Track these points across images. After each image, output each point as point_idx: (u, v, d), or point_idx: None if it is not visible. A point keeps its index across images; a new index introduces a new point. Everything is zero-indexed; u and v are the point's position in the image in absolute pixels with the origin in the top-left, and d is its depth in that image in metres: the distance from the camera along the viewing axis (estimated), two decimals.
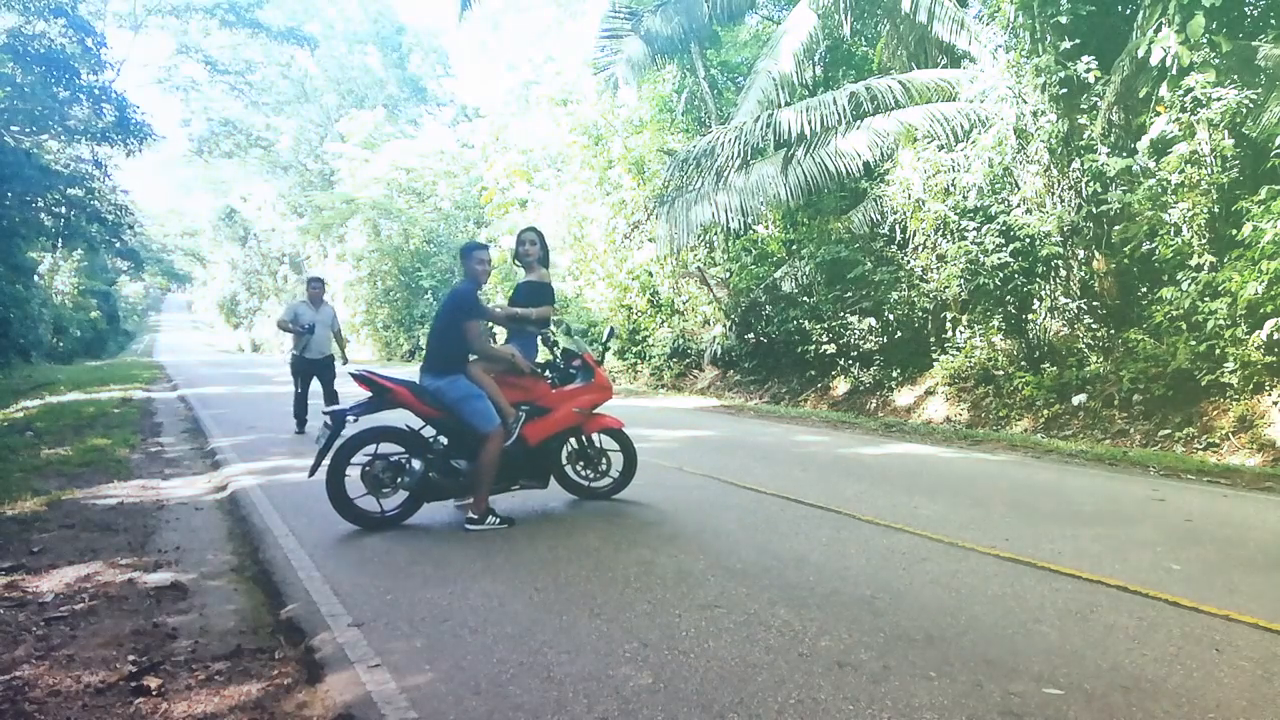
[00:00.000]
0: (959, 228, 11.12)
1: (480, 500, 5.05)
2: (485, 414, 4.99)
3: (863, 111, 12.21)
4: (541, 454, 5.44)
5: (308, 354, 9.56)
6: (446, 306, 5.23)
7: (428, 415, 5.09)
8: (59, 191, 19.47)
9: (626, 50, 16.98)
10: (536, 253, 5.71)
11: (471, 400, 4.98)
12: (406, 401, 5.01)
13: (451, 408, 5.00)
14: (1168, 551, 4.56)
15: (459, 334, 5.06)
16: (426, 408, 5.05)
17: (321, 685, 2.93)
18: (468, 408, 4.98)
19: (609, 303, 20.47)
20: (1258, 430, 8.17)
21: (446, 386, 4.99)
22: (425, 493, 5.11)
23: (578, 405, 5.58)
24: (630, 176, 19.58)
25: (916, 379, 12.83)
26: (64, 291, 36.21)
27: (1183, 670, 2.99)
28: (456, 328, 5.07)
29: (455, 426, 5.06)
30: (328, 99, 51.99)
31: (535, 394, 5.41)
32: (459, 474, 5.11)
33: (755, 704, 2.70)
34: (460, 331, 5.06)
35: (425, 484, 5.04)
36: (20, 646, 3.27)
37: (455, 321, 5.08)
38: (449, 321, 5.12)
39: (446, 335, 5.11)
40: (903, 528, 5.04)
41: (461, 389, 4.99)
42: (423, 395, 5.05)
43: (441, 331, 5.15)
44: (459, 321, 5.07)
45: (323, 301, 9.86)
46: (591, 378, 5.71)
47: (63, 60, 17.31)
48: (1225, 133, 8.45)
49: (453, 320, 5.10)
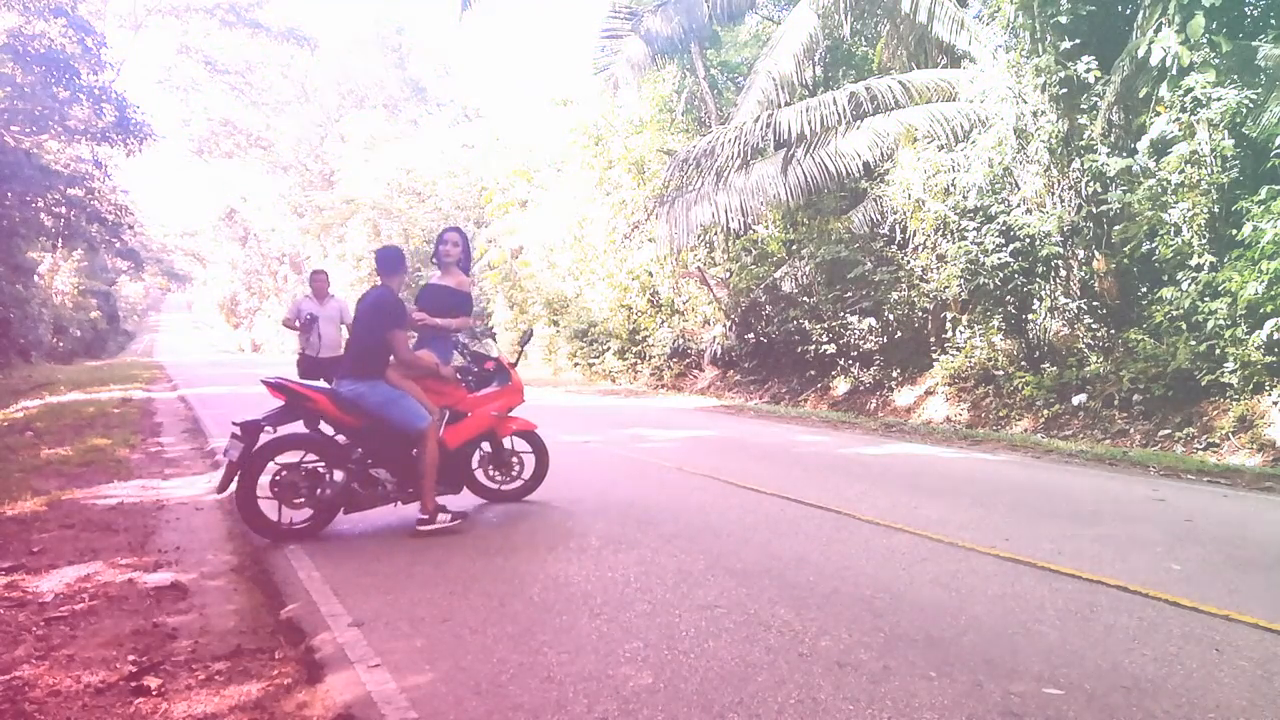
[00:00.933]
0: (959, 228, 11.12)
1: (428, 499, 4.93)
2: (415, 412, 4.86)
3: (863, 111, 12.22)
4: (459, 458, 5.32)
5: (316, 353, 8.77)
6: (368, 312, 4.99)
7: (345, 424, 4.86)
8: (59, 191, 19.48)
9: (626, 50, 17.00)
10: (457, 254, 5.52)
11: (398, 402, 4.84)
12: (324, 409, 4.80)
13: (374, 413, 4.81)
14: (1168, 551, 4.56)
15: (381, 340, 4.87)
16: (345, 416, 4.82)
17: (321, 685, 2.93)
18: (395, 410, 4.83)
19: (609, 303, 20.48)
20: (1258, 430, 8.17)
21: (368, 391, 4.81)
22: (346, 503, 4.89)
23: (495, 409, 5.50)
24: (630, 176, 19.58)
25: (916, 379, 12.83)
26: (64, 291, 36.22)
27: (1183, 670, 2.99)
28: (378, 334, 4.87)
29: (375, 434, 4.87)
30: (328, 99, 51.97)
31: (452, 398, 5.27)
32: (379, 483, 4.94)
33: (755, 704, 2.69)
34: (382, 338, 4.86)
35: (347, 494, 4.84)
36: (20, 646, 3.27)
37: (378, 328, 4.88)
38: (371, 327, 4.91)
39: (368, 341, 4.92)
40: (903, 528, 5.04)
41: (384, 393, 4.83)
42: (341, 402, 4.82)
43: (363, 337, 4.96)
44: (384, 329, 4.87)
45: (329, 295, 9.10)
46: (508, 380, 5.63)
47: (63, 60, 17.30)
48: (1225, 133, 8.45)
49: (375, 326, 4.89)
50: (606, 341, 20.55)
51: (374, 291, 5.09)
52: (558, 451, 8.42)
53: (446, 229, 5.67)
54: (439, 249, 5.55)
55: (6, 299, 20.57)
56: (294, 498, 4.75)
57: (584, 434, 9.61)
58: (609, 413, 12.70)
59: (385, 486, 4.95)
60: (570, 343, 21.85)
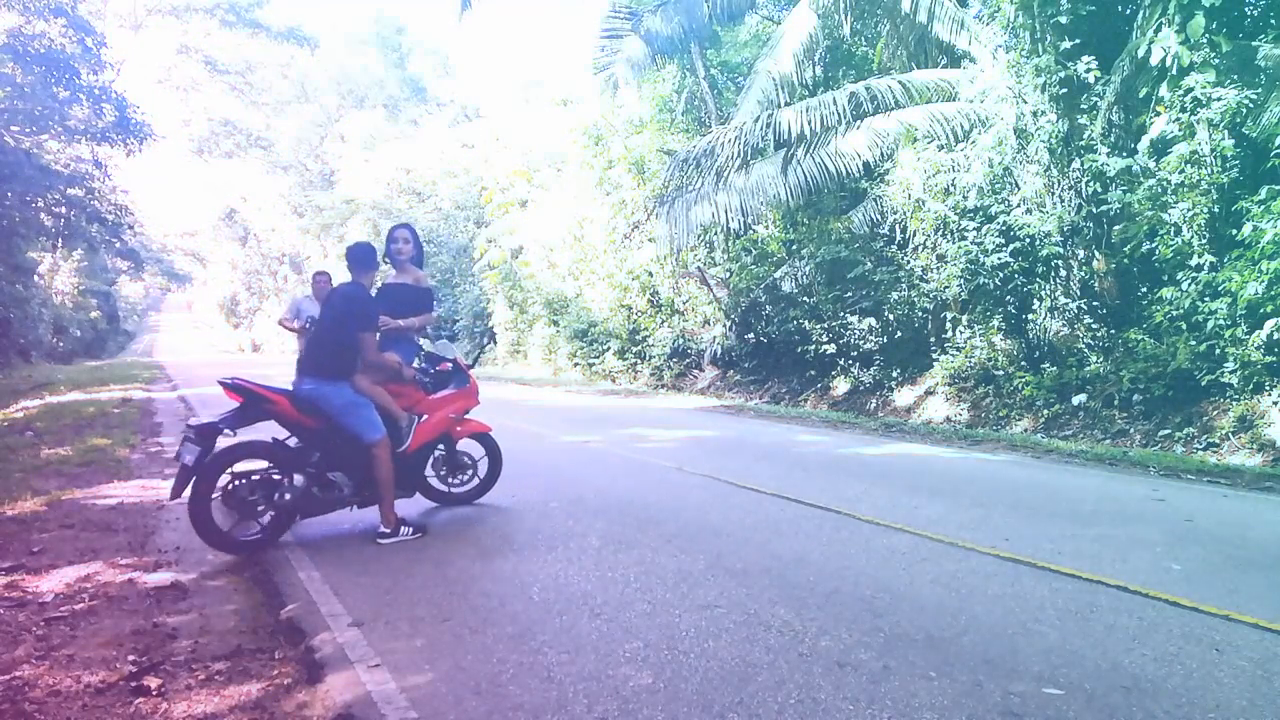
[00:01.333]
0: (959, 228, 11.12)
1: (388, 511, 4.80)
2: (372, 423, 4.69)
3: (863, 111, 12.22)
4: (415, 461, 5.21)
5: None
6: (337, 310, 4.80)
7: (303, 425, 4.69)
8: (59, 191, 19.48)
9: (626, 50, 16.98)
10: (410, 251, 5.42)
11: (358, 409, 4.68)
12: (284, 411, 4.62)
13: (334, 416, 4.64)
14: (1168, 551, 4.56)
15: (351, 341, 4.69)
16: (304, 417, 4.65)
17: (321, 685, 2.93)
18: (353, 417, 4.65)
19: (609, 303, 20.48)
20: (1258, 430, 8.17)
21: (332, 394, 4.63)
22: (304, 509, 4.74)
23: (452, 411, 5.41)
24: (630, 176, 19.59)
25: (916, 379, 12.83)
26: (64, 291, 36.21)
27: (1183, 670, 2.99)
28: (348, 334, 4.69)
29: (332, 437, 4.70)
30: (328, 99, 51.99)
31: (410, 400, 5.16)
32: (337, 487, 4.79)
33: (755, 704, 2.70)
34: (352, 338, 4.69)
35: (308, 500, 4.69)
36: (20, 646, 3.27)
37: (350, 326, 4.69)
38: (341, 325, 4.72)
39: (337, 341, 4.72)
40: (903, 528, 5.04)
41: (347, 397, 4.67)
42: (300, 403, 4.64)
43: (331, 337, 4.75)
44: (355, 331, 4.69)
45: None
46: (466, 383, 5.55)
47: (63, 60, 17.30)
48: (1225, 133, 8.45)
49: (346, 324, 4.70)
50: (606, 341, 20.55)
51: (345, 288, 4.92)
52: (558, 452, 8.48)
53: (395, 226, 5.57)
54: (390, 247, 5.44)
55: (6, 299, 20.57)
56: (250, 506, 4.52)
57: (584, 434, 9.61)
58: (609, 413, 12.70)
59: (342, 490, 4.80)
60: (570, 343, 21.86)
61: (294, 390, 4.67)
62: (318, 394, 4.63)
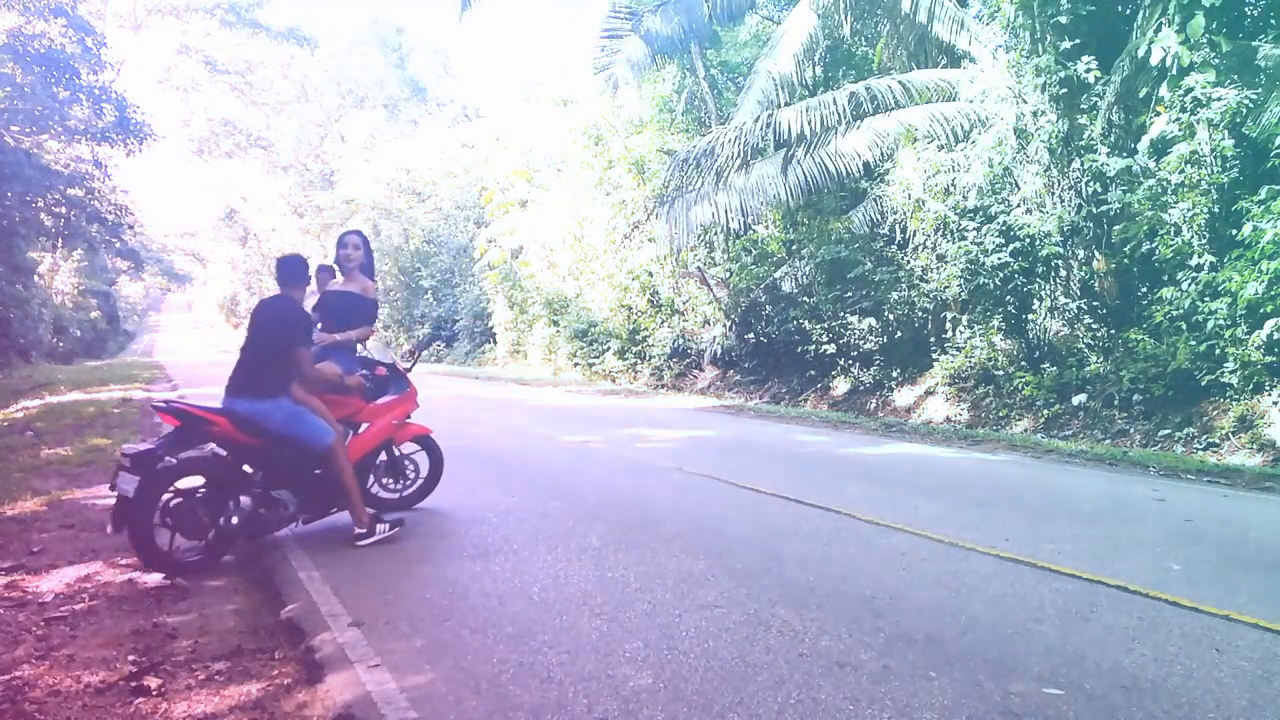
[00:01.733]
0: (959, 228, 11.12)
1: (359, 512, 4.69)
2: (320, 428, 4.55)
3: (863, 111, 12.22)
4: (359, 470, 5.06)
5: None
6: (269, 325, 4.60)
7: (245, 446, 4.49)
8: (59, 191, 19.48)
9: (626, 50, 16.98)
10: (360, 258, 5.28)
11: (301, 419, 4.51)
12: (225, 432, 4.41)
13: (278, 432, 4.45)
14: (1168, 551, 4.56)
15: (283, 355, 4.51)
16: (245, 437, 4.44)
17: (321, 685, 2.93)
18: (299, 428, 4.49)
19: (609, 303, 20.49)
20: (1258, 430, 8.17)
21: (271, 410, 4.44)
22: (250, 530, 4.54)
23: (394, 417, 5.31)
24: (630, 176, 19.59)
25: (916, 379, 12.83)
26: (64, 291, 36.22)
27: (1183, 670, 2.99)
28: (282, 349, 4.51)
29: (276, 454, 4.53)
30: (328, 99, 52.01)
31: (351, 409, 5.03)
32: (282, 505, 4.62)
33: (755, 704, 2.69)
34: (283, 353, 4.51)
35: (255, 520, 4.50)
36: (20, 646, 3.27)
37: (283, 343, 4.51)
38: (273, 342, 4.53)
39: (271, 356, 4.52)
40: (903, 528, 5.04)
41: (287, 410, 4.49)
42: (240, 422, 4.42)
43: (264, 352, 4.54)
44: (290, 345, 4.50)
45: None
46: (405, 388, 5.43)
47: (63, 60, 17.30)
48: (1225, 133, 8.45)
49: (278, 341, 4.52)
50: (606, 341, 20.56)
51: (273, 303, 4.73)
52: (558, 452, 8.48)
53: (346, 232, 5.41)
54: (340, 254, 5.28)
55: (6, 299, 20.56)
56: (195, 524, 4.30)
57: (584, 434, 9.61)
58: (609, 413, 12.70)
59: (287, 508, 4.63)
60: (570, 343, 21.86)
61: (231, 410, 4.44)
62: (256, 412, 4.43)
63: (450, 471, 7.22)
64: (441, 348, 34.08)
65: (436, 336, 7.56)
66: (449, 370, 27.90)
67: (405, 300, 36.99)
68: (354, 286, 5.30)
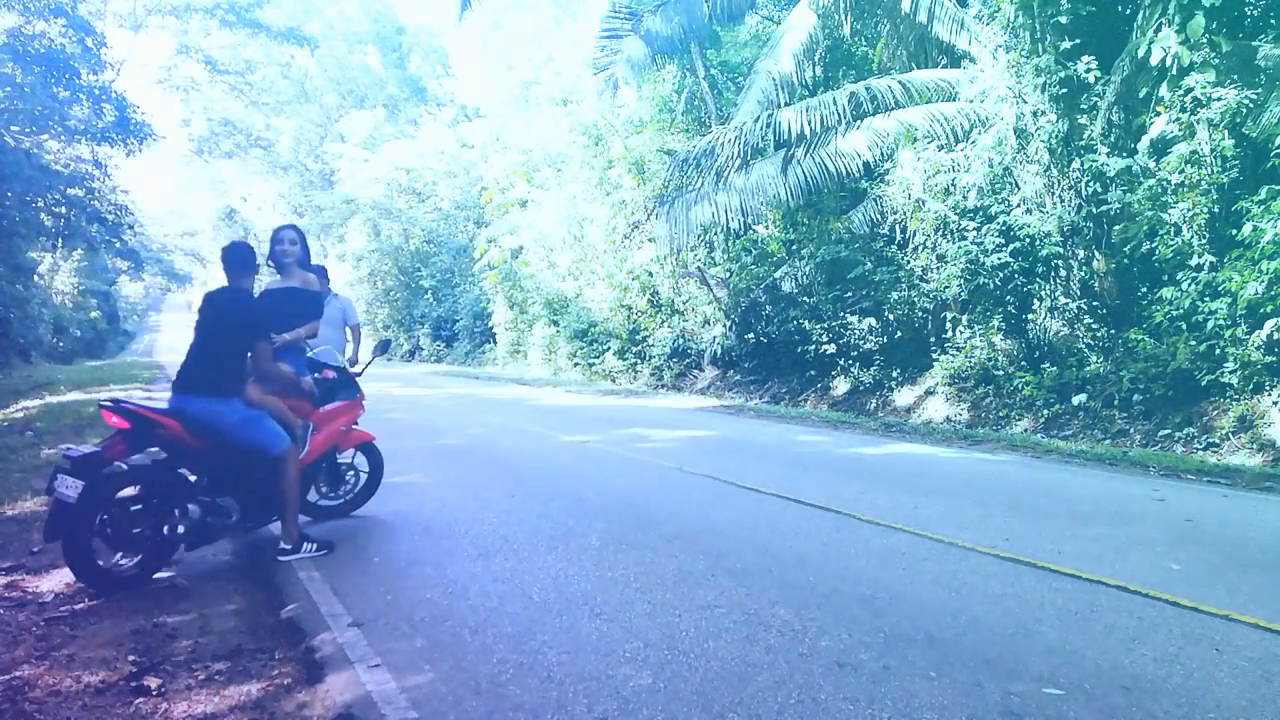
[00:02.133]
0: (959, 228, 11.12)
1: (291, 526, 4.44)
2: (276, 433, 4.30)
3: (863, 111, 12.22)
4: (305, 478, 4.84)
5: None
6: (223, 318, 4.28)
7: (194, 449, 4.19)
8: (59, 191, 19.47)
9: (626, 50, 16.99)
10: (297, 253, 5.01)
11: (257, 422, 4.25)
12: (175, 435, 4.10)
13: (230, 436, 4.18)
14: (1168, 551, 4.56)
15: (237, 352, 4.26)
16: (195, 440, 4.15)
17: (321, 685, 2.93)
18: (254, 431, 4.23)
19: (609, 303, 20.49)
20: (1258, 430, 8.17)
21: (226, 411, 4.16)
22: (193, 540, 4.24)
23: (343, 423, 5.13)
24: (630, 176, 19.60)
25: (916, 379, 12.83)
26: (64, 291, 36.22)
27: (1183, 670, 2.99)
28: (238, 344, 4.26)
29: (225, 459, 4.25)
30: (328, 99, 52.04)
31: (301, 413, 4.80)
32: (225, 513, 4.32)
33: (755, 704, 2.69)
34: (237, 349, 4.26)
35: (199, 529, 4.19)
36: (20, 646, 3.27)
37: (241, 338, 4.26)
38: (227, 336, 4.25)
39: (225, 353, 4.24)
40: (903, 528, 5.04)
41: (241, 413, 4.21)
42: (190, 424, 4.12)
43: (220, 347, 4.24)
44: (248, 340, 4.26)
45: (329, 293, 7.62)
46: (355, 393, 5.28)
47: (63, 60, 17.30)
48: (1225, 133, 8.45)
49: (234, 335, 4.25)
50: (606, 341, 20.56)
51: (225, 294, 4.40)
52: (558, 452, 8.47)
53: (281, 227, 5.11)
54: (275, 249, 4.99)
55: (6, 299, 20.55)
56: (136, 539, 4.01)
57: (584, 434, 9.61)
58: (609, 413, 12.70)
59: (230, 516, 4.35)
60: (570, 343, 21.87)
61: (183, 411, 4.14)
62: (209, 413, 4.14)
63: (450, 472, 7.22)
64: (441, 348, 34.09)
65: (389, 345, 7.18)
66: (449, 370, 27.91)
67: (405, 300, 37.01)
68: (293, 281, 5.04)
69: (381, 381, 20.13)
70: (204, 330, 4.29)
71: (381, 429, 10.43)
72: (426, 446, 8.78)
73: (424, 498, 6.04)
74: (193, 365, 4.21)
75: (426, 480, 6.79)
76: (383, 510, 5.62)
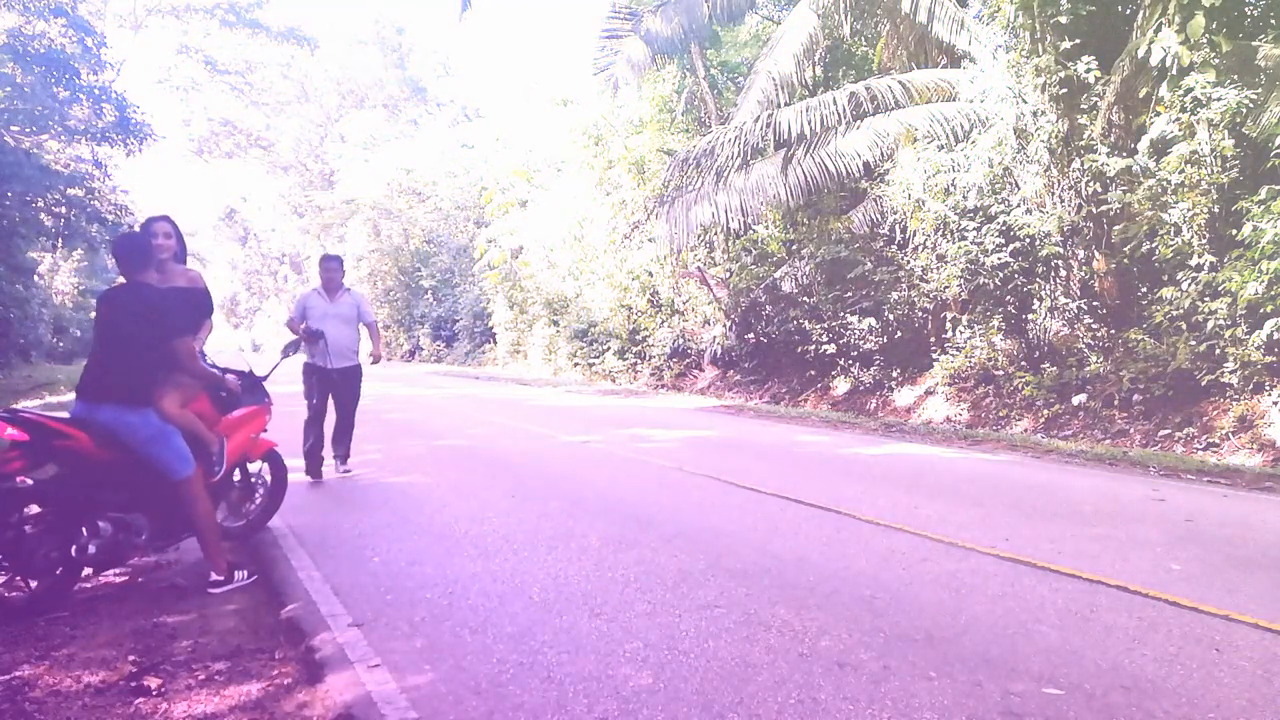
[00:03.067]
0: (959, 228, 11.12)
1: (216, 554, 4.04)
2: (182, 455, 3.88)
3: (863, 111, 12.22)
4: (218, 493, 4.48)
5: (326, 363, 6.82)
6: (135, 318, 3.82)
7: (101, 462, 3.76)
8: (59, 191, 19.47)
9: (626, 51, 17.00)
10: (173, 246, 4.55)
11: (166, 439, 3.83)
12: (81, 446, 3.69)
13: (138, 449, 3.77)
14: (1168, 551, 4.56)
15: (153, 354, 3.83)
16: (102, 452, 3.73)
17: (321, 685, 2.93)
18: (160, 448, 3.82)
19: (609, 303, 20.49)
20: (1258, 430, 8.17)
21: (137, 423, 3.75)
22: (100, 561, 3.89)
23: (252, 430, 4.74)
24: (630, 176, 19.61)
25: (916, 379, 12.83)
26: (64, 291, 36.22)
27: (1183, 670, 2.99)
28: (149, 346, 3.82)
29: (134, 473, 3.84)
30: (328, 99, 52.04)
31: (208, 424, 4.35)
32: (135, 532, 3.91)
33: (755, 704, 2.69)
34: (153, 351, 3.83)
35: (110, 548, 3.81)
36: (20, 647, 3.27)
37: (152, 339, 3.82)
38: (132, 339, 3.80)
39: (136, 356, 3.79)
40: (903, 528, 5.04)
41: (154, 426, 3.80)
42: (99, 437, 3.73)
43: (125, 351, 3.79)
44: (160, 340, 3.83)
45: (342, 288, 7.11)
46: (263, 398, 4.91)
47: (63, 60, 17.29)
48: (1225, 133, 8.45)
49: (146, 337, 3.81)
50: (606, 341, 20.57)
51: (125, 292, 3.95)
52: (558, 451, 8.48)
53: (152, 219, 4.60)
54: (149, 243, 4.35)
55: (6, 299, 20.54)
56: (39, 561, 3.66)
57: (584, 434, 9.61)
58: (609, 413, 12.70)
59: (140, 535, 3.94)
60: (570, 343, 21.88)
61: (91, 420, 3.75)
62: (119, 423, 3.74)
63: (450, 472, 7.22)
64: (441, 348, 34.09)
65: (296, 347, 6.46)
66: (449, 370, 27.91)
67: (405, 300, 37.02)
68: (176, 280, 4.53)
69: (382, 382, 20.13)
70: (109, 333, 3.88)
71: (382, 429, 10.45)
72: (426, 446, 8.79)
73: (424, 498, 6.04)
74: (101, 372, 3.81)
75: (426, 480, 6.79)
76: (383, 510, 5.63)
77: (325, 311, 6.88)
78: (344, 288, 7.14)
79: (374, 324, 7.29)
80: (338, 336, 6.86)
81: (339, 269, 7.20)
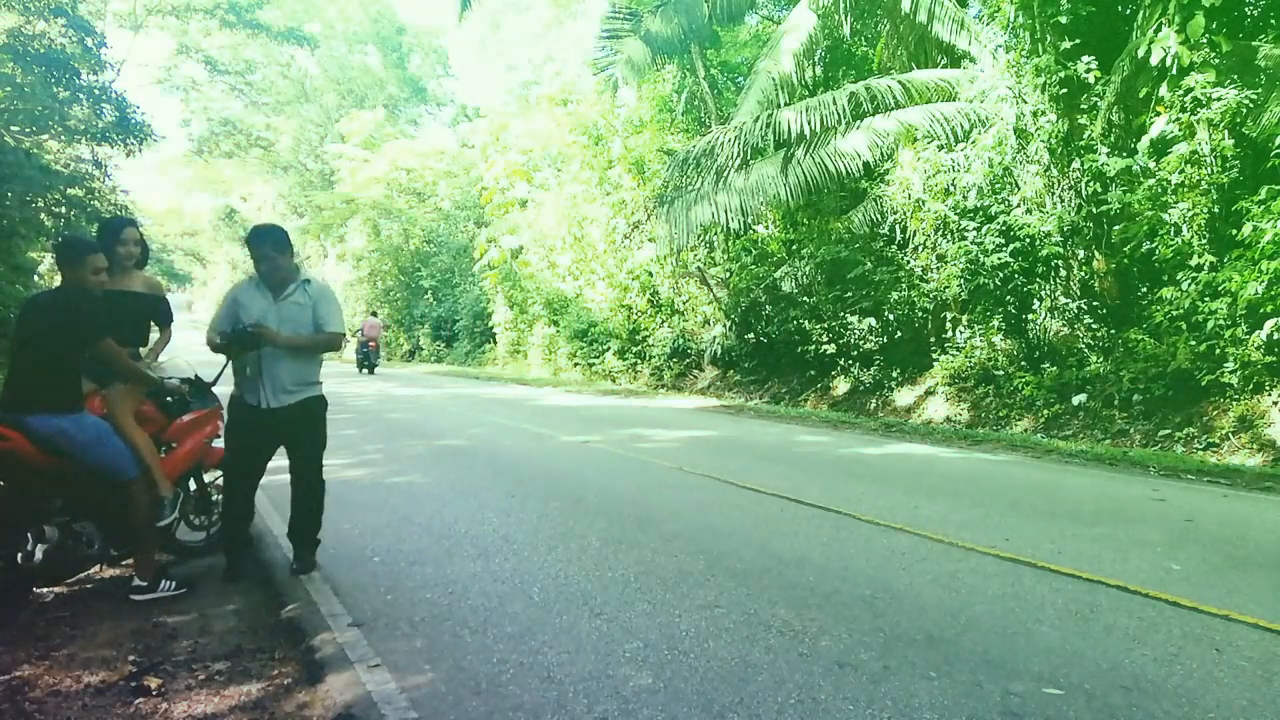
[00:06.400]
0: (959, 228, 11.12)
1: (147, 561, 3.91)
2: (124, 457, 3.77)
3: (863, 111, 12.22)
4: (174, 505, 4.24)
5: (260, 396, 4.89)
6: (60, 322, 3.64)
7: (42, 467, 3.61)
8: (59, 191, 19.46)
9: (626, 50, 16.99)
10: (138, 254, 4.40)
11: (107, 443, 3.72)
12: (20, 450, 3.51)
13: (80, 454, 3.63)
14: (1168, 551, 4.56)
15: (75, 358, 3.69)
16: (43, 457, 3.58)
17: (321, 685, 2.93)
18: (103, 451, 3.69)
19: (609, 303, 20.49)
20: (1258, 430, 8.17)
21: (71, 426, 3.61)
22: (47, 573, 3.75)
23: (204, 434, 4.49)
24: (630, 176, 19.60)
25: (916, 379, 12.83)
26: None
27: (1183, 670, 2.99)
28: (77, 346, 3.68)
29: (78, 479, 3.70)
30: (328, 99, 52.02)
31: (155, 428, 4.20)
32: (85, 541, 3.81)
33: (755, 704, 2.69)
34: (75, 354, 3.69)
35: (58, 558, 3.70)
36: (20, 647, 3.27)
37: (73, 342, 3.66)
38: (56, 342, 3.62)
39: (58, 361, 3.64)
40: (903, 528, 5.04)
41: (91, 428, 3.68)
42: (38, 439, 3.56)
43: (50, 357, 3.62)
44: (82, 343, 3.68)
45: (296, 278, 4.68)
46: (213, 401, 4.60)
47: (63, 60, 17.29)
48: (1225, 133, 8.45)
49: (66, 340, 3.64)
50: (606, 341, 20.56)
51: (48, 296, 3.90)
52: (558, 451, 8.47)
53: (122, 222, 4.54)
54: (120, 250, 4.26)
55: (6, 299, 20.55)
56: None
57: (584, 434, 9.61)
58: (609, 413, 12.70)
59: (92, 544, 3.84)
60: (570, 343, 21.86)
61: (28, 424, 3.55)
62: (54, 428, 3.60)
63: (450, 471, 7.22)
64: (441, 348, 34.08)
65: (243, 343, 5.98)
66: (449, 370, 27.90)
67: (405, 300, 36.99)
68: (135, 285, 4.37)
69: (382, 382, 20.13)
70: (32, 340, 3.65)
71: (382, 429, 10.45)
72: (427, 446, 8.78)
73: (424, 498, 6.04)
74: (22, 381, 3.62)
75: (427, 480, 6.79)
76: (383, 510, 5.63)
77: (265, 315, 4.22)
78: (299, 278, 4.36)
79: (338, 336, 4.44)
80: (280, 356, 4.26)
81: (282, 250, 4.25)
